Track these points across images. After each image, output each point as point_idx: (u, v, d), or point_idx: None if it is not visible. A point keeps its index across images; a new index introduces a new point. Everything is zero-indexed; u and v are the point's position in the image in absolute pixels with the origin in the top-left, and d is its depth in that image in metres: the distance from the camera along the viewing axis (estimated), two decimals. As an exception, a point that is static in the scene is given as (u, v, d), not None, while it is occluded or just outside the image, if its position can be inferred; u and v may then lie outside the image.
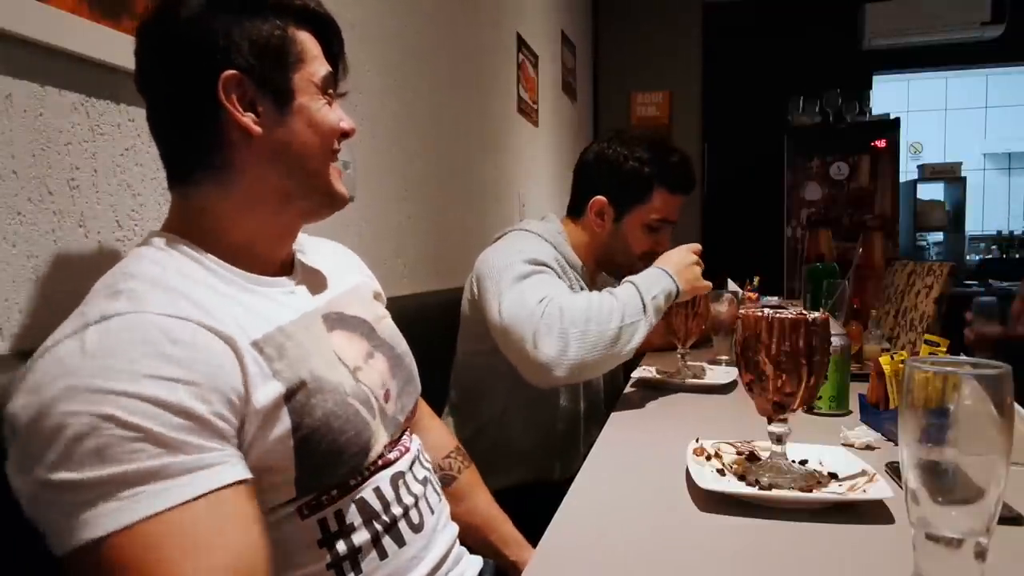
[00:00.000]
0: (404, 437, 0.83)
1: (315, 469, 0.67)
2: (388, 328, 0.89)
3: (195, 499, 0.56)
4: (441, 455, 1.05)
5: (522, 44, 2.91)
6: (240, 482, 0.59)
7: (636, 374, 1.53)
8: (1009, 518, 0.72)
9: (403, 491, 0.77)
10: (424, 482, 0.82)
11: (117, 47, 0.87)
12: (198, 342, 0.60)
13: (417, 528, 0.77)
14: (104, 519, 0.53)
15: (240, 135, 0.71)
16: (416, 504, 0.79)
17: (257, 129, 0.71)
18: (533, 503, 1.07)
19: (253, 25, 0.70)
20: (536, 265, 1.33)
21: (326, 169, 0.77)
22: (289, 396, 0.65)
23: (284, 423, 0.64)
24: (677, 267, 1.34)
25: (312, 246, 0.90)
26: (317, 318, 0.76)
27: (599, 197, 1.51)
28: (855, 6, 4.43)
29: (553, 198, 3.44)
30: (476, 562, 0.89)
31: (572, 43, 3.92)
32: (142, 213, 0.93)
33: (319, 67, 0.75)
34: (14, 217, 0.75)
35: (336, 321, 0.78)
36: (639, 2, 4.57)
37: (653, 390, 1.43)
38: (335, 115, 0.77)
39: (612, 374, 1.71)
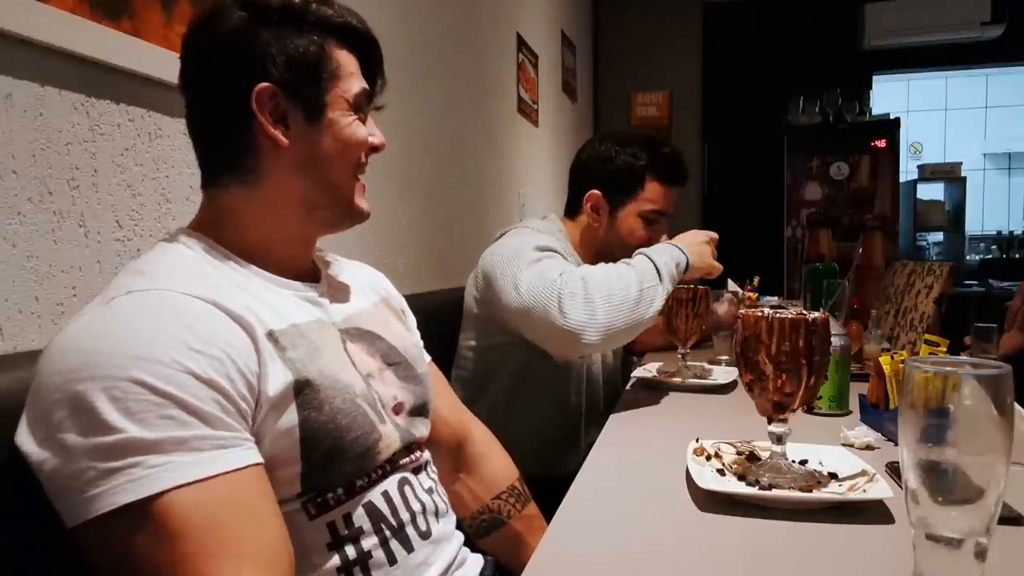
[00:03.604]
0: (417, 451, 0.84)
1: (320, 465, 0.68)
2: (411, 348, 0.88)
3: (240, 469, 0.58)
4: (491, 494, 1.00)
5: (522, 44, 2.91)
6: (261, 464, 0.62)
7: (636, 374, 1.53)
8: (1009, 518, 0.72)
9: (410, 497, 0.78)
10: (429, 491, 0.83)
11: (117, 47, 0.87)
12: (219, 322, 0.63)
13: (425, 535, 0.78)
14: (149, 482, 0.54)
15: (269, 144, 0.73)
16: (423, 512, 0.79)
17: (285, 141, 0.73)
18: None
19: (291, 40, 0.73)
20: (546, 251, 1.36)
21: (350, 183, 0.79)
22: (298, 389, 0.66)
23: (291, 414, 0.66)
24: (687, 242, 1.37)
25: (341, 266, 0.91)
26: (333, 327, 0.77)
27: (594, 191, 1.56)
28: (855, 6, 4.42)
29: (553, 198, 3.44)
30: (477, 560, 0.89)
31: (572, 43, 3.91)
32: (142, 213, 0.93)
33: (354, 84, 0.77)
34: (14, 217, 0.75)
35: (353, 335, 0.79)
36: (639, 2, 4.57)
37: (653, 390, 1.43)
38: (365, 130, 0.79)
39: (611, 373, 1.71)
